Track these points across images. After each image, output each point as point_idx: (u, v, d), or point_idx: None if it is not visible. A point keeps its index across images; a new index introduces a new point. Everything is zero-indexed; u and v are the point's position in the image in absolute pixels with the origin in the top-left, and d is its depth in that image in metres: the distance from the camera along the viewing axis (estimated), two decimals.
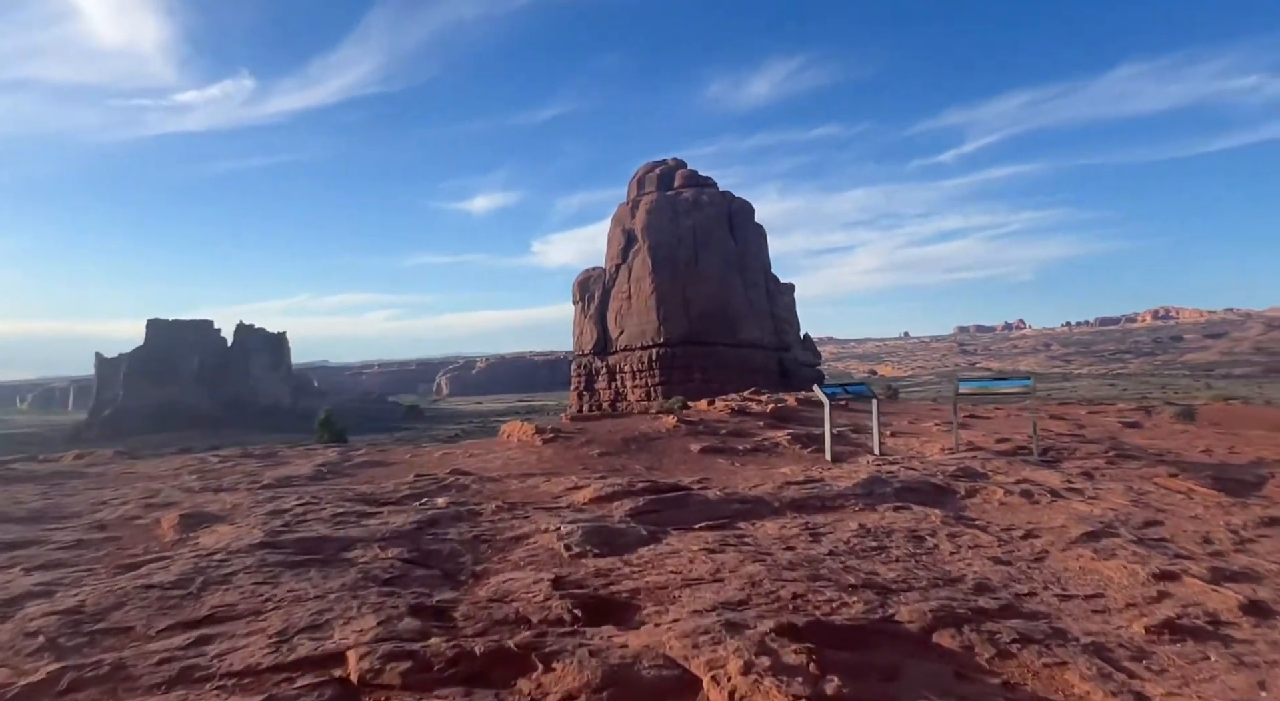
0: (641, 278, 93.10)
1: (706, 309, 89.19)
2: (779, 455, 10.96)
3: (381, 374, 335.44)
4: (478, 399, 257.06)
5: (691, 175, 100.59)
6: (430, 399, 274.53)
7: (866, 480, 7.99)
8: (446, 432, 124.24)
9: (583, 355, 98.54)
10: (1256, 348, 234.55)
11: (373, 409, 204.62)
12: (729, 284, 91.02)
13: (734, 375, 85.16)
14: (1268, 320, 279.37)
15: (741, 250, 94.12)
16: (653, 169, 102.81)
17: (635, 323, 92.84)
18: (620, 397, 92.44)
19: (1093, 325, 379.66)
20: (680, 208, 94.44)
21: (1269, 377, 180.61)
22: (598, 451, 10.62)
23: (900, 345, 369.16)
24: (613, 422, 13.48)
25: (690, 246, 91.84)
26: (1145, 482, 8.31)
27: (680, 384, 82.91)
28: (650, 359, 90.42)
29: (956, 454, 10.36)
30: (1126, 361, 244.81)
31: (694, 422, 13.03)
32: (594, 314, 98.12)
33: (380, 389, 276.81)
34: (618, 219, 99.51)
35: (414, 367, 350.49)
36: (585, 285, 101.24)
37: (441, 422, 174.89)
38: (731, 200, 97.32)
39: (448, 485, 8.22)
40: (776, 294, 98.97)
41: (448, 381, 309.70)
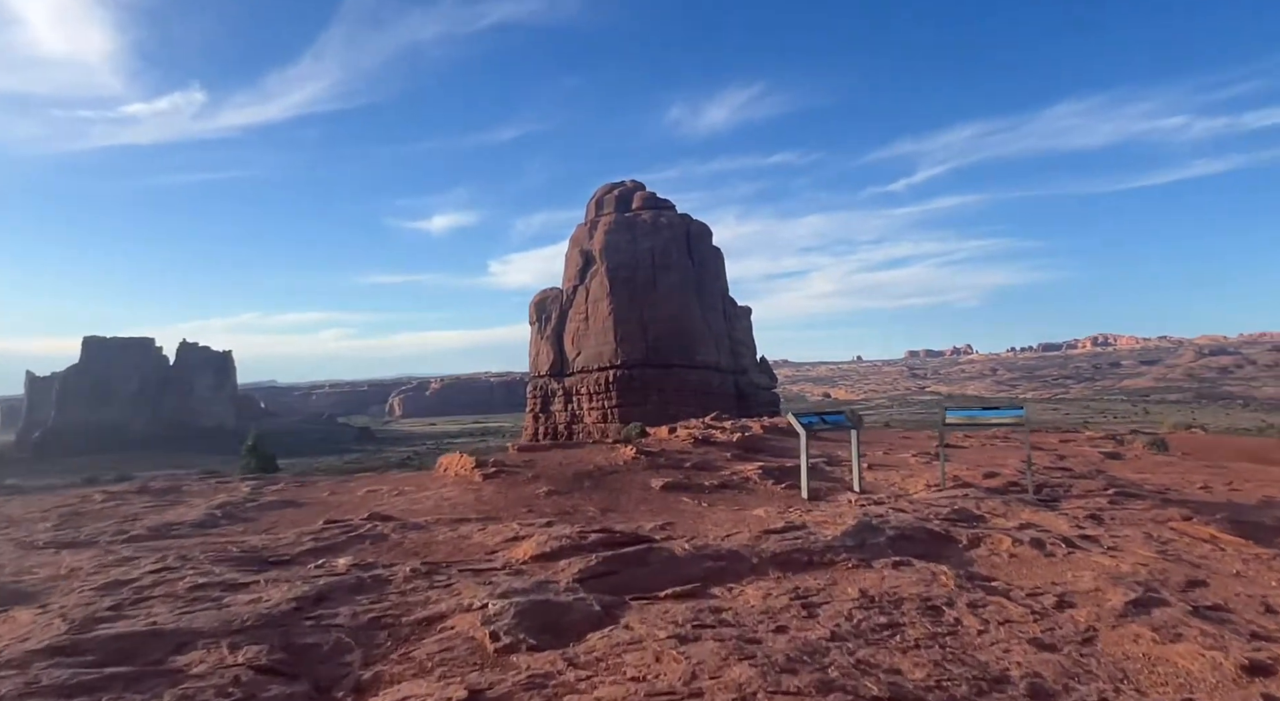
0: (599, 299, 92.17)
1: (664, 331, 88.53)
2: (750, 492, 9.81)
3: (332, 394, 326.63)
4: (432, 420, 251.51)
5: (650, 197, 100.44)
6: (383, 420, 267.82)
7: (855, 526, 6.88)
8: (398, 455, 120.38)
9: (539, 377, 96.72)
10: (1188, 374, 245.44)
11: (322, 430, 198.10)
12: (687, 306, 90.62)
13: (691, 398, 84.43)
14: (1198, 348, 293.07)
15: (699, 273, 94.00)
16: (611, 190, 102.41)
17: (592, 344, 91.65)
18: (577, 420, 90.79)
19: (1036, 351, 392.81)
20: (639, 229, 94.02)
21: (1200, 403, 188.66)
22: (545, 489, 9.31)
23: (853, 369, 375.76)
24: (564, 454, 12.19)
25: (648, 268, 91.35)
26: (1161, 528, 7.41)
27: (637, 406, 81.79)
28: (607, 381, 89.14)
29: (945, 491, 9.38)
30: (1068, 386, 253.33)
31: (654, 453, 11.83)
32: (550, 335, 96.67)
33: (331, 410, 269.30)
34: (575, 240, 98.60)
35: (366, 388, 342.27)
36: (542, 306, 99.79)
37: (394, 444, 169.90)
38: (690, 222, 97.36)
39: (360, 535, 6.82)
40: (734, 317, 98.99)
41: (401, 402, 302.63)
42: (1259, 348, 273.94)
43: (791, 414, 9.74)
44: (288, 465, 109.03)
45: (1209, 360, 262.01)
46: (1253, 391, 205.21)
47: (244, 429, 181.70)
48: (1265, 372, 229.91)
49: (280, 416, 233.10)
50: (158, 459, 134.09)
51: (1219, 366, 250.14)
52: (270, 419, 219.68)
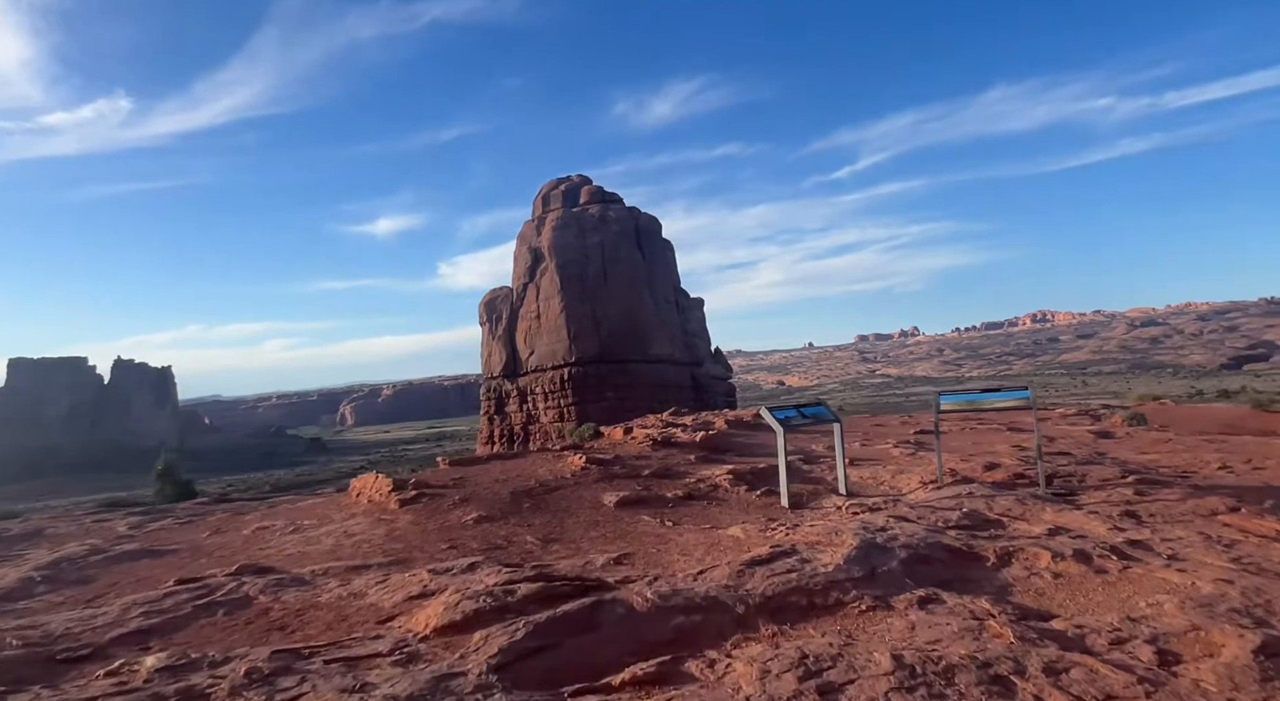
0: (550, 297, 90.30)
1: (617, 326, 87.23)
2: (721, 503, 8.35)
3: (281, 406, 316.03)
4: (385, 427, 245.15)
5: (597, 191, 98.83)
6: (334, 430, 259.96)
7: (858, 548, 5.46)
8: (351, 465, 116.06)
9: (492, 378, 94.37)
10: (1121, 346, 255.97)
11: (270, 444, 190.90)
12: (639, 300, 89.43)
13: (648, 392, 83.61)
14: (1130, 320, 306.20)
15: (650, 266, 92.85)
16: (558, 185, 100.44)
17: (545, 343, 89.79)
18: (533, 420, 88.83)
19: (979, 330, 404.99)
20: (587, 224, 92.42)
21: (1134, 373, 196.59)
22: (475, 515, 7.66)
23: (805, 355, 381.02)
24: (503, 467, 10.53)
25: (599, 263, 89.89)
26: (1213, 525, 6.21)
27: (594, 403, 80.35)
28: (562, 379, 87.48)
29: (945, 489, 8.08)
30: (1011, 363, 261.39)
31: (608, 461, 10.27)
32: (502, 335, 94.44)
33: (280, 422, 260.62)
34: (523, 237, 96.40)
35: (316, 398, 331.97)
36: (492, 306, 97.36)
37: (346, 454, 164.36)
38: (639, 216, 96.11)
39: (214, 602, 5.10)
40: (687, 309, 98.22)
41: (352, 410, 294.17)
42: (1185, 317, 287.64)
43: (765, 408, 8.34)
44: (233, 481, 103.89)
45: (1140, 332, 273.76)
46: (1181, 359, 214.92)
47: (189, 446, 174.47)
48: (1191, 341, 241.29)
49: (225, 431, 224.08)
50: (93, 482, 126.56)
51: (1149, 337, 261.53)
52: (215, 434, 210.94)
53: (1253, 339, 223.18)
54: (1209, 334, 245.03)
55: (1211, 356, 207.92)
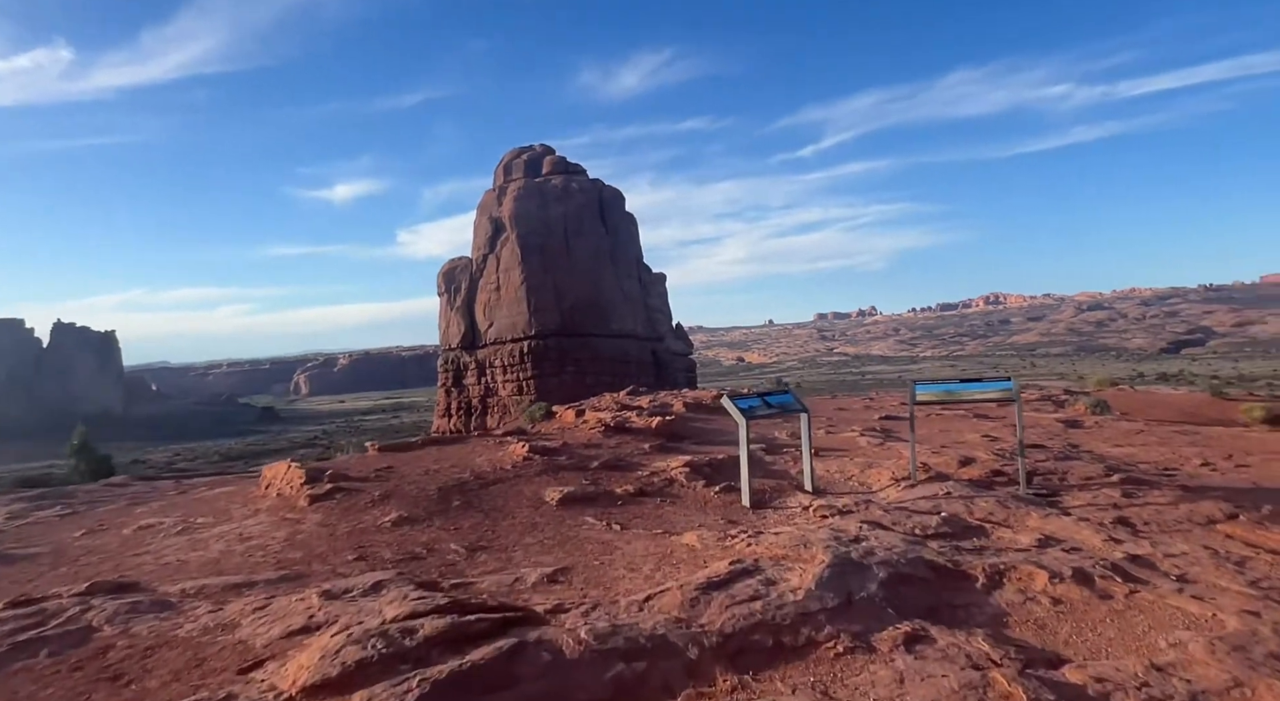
0: (510, 268, 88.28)
1: (579, 300, 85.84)
2: (676, 501, 7.54)
3: (232, 373, 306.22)
4: (340, 397, 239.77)
5: (560, 162, 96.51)
6: (288, 399, 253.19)
7: (831, 566, 4.71)
8: (304, 435, 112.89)
9: (450, 350, 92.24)
10: (1069, 329, 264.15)
11: (220, 412, 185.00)
12: (602, 274, 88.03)
13: (609, 367, 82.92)
14: (1077, 304, 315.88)
15: (613, 239, 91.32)
16: (520, 155, 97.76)
17: (505, 315, 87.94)
18: (491, 393, 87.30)
19: (935, 311, 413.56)
20: (550, 195, 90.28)
21: (1080, 355, 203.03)
22: (395, 515, 6.70)
23: (765, 332, 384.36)
24: (439, 454, 9.54)
25: (561, 235, 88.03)
26: (1215, 536, 5.64)
27: (553, 377, 79.24)
28: (521, 352, 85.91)
29: (919, 487, 7.41)
30: (964, 344, 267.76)
31: (554, 450, 9.37)
32: (461, 306, 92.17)
33: (231, 390, 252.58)
34: (484, 207, 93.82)
35: (269, 366, 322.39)
36: (451, 276, 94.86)
37: (299, 424, 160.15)
38: (603, 188, 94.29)
39: (40, 638, 4.08)
40: (649, 284, 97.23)
41: (307, 380, 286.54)
42: (1129, 302, 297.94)
43: (727, 397, 7.53)
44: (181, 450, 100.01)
45: (1087, 315, 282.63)
46: (1124, 343, 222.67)
47: (134, 414, 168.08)
48: (1135, 325, 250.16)
49: (173, 399, 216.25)
50: (28, 451, 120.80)
51: (1095, 321, 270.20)
52: (162, 402, 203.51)
53: (1191, 324, 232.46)
54: (1151, 319, 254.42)
55: (1152, 340, 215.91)
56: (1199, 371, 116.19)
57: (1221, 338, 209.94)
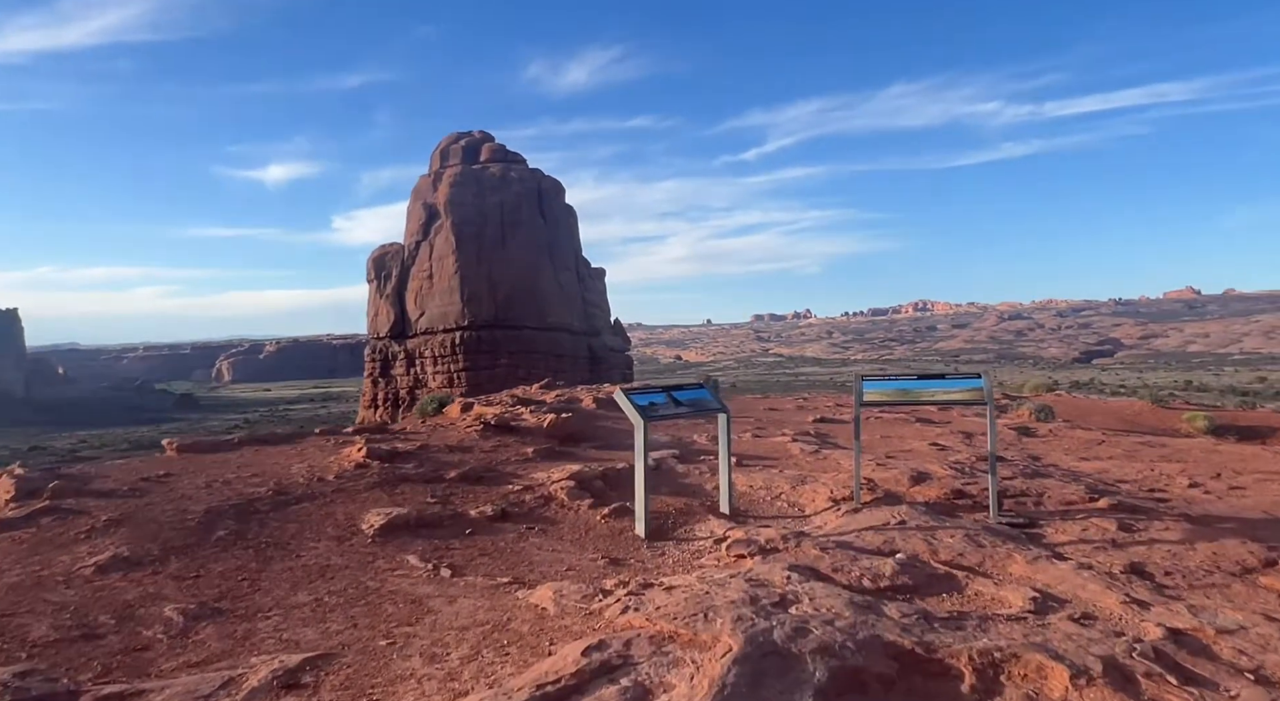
0: (444, 256, 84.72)
1: (514, 291, 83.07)
2: (549, 528, 5.65)
3: (149, 358, 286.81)
4: (266, 385, 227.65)
5: (499, 150, 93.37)
6: (209, 386, 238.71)
7: (743, 658, 2.93)
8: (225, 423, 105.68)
9: (378, 339, 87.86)
10: (991, 337, 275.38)
11: (132, 398, 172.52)
12: (538, 265, 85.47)
13: (542, 361, 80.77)
14: (999, 313, 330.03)
15: (552, 231, 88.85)
16: (457, 140, 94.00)
17: (437, 304, 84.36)
18: (420, 384, 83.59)
19: (866, 315, 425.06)
20: (487, 183, 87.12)
21: (1000, 362, 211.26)
22: (109, 554, 4.44)
23: (703, 331, 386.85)
24: (253, 457, 7.35)
25: (497, 224, 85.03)
26: (1260, 593, 4.14)
27: (485, 369, 76.37)
28: (453, 342, 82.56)
29: (863, 512, 5.75)
30: (893, 348, 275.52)
31: (404, 455, 7.31)
32: (391, 294, 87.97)
33: (146, 375, 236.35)
34: (418, 192, 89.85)
35: (189, 351, 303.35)
36: (381, 262, 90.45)
37: (220, 412, 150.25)
38: (542, 179, 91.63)
39: None
40: (587, 278, 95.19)
41: (230, 366, 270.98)
42: (1047, 313, 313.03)
43: (621, 392, 5.71)
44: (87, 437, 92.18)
45: (1007, 324, 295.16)
46: (1041, 351, 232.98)
47: (37, 397, 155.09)
48: (1051, 335, 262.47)
49: (82, 382, 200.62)
50: None
51: (1015, 330, 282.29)
52: (68, 386, 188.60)
53: (1102, 336, 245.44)
54: (1066, 329, 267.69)
55: (1066, 350, 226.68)
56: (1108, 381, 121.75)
57: (1128, 349, 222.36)
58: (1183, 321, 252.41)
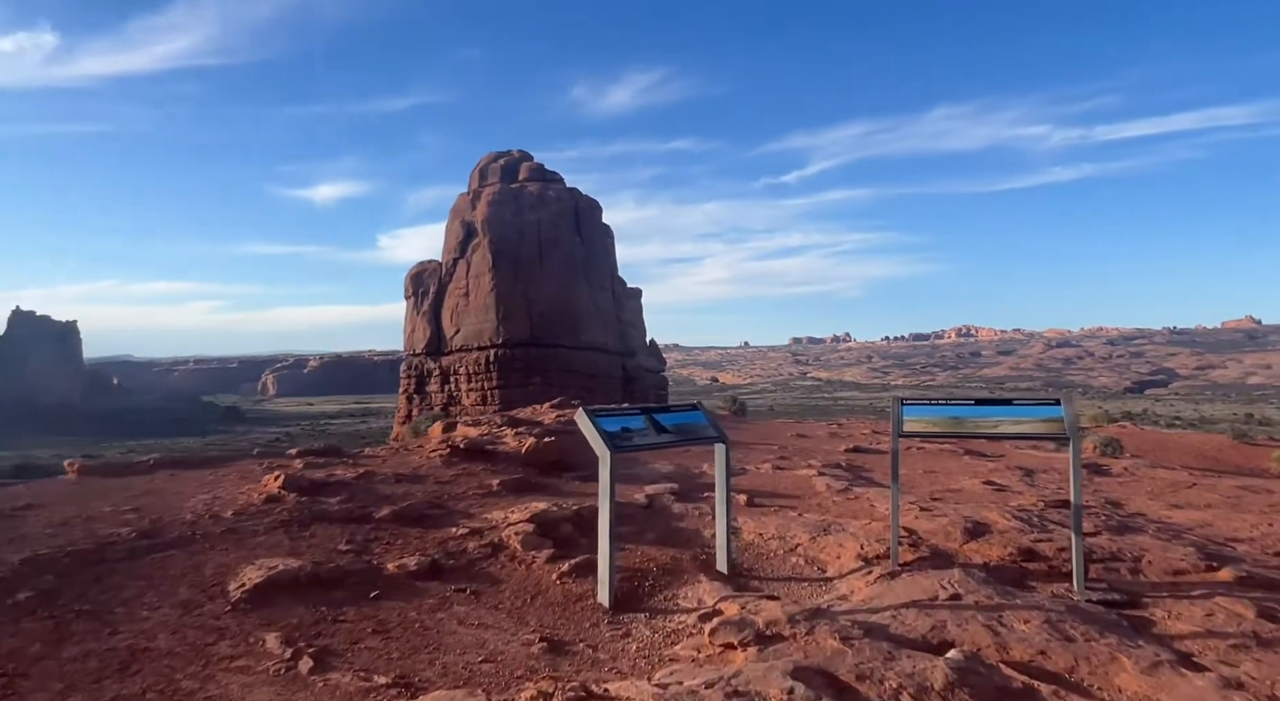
0: (481, 274, 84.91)
1: (549, 309, 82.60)
2: (485, 589, 4.36)
3: (198, 371, 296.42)
4: (309, 400, 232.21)
5: (537, 169, 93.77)
6: (255, 399, 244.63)
7: None
8: (268, 436, 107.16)
9: (414, 355, 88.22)
10: (1037, 364, 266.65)
11: (182, 410, 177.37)
12: (574, 284, 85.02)
13: (576, 380, 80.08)
14: (1046, 340, 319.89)
15: (588, 250, 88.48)
16: (497, 159, 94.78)
17: (472, 321, 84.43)
18: (454, 401, 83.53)
19: (907, 340, 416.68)
20: (525, 202, 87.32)
21: (1047, 390, 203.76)
22: None
23: (740, 354, 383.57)
24: (158, 484, 6.20)
25: (534, 243, 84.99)
26: None
27: (519, 388, 75.75)
28: (487, 360, 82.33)
29: (901, 577, 4.38)
30: (935, 374, 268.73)
31: (336, 485, 6.05)
32: (428, 311, 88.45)
33: (195, 388, 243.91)
34: (457, 210, 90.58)
35: (237, 365, 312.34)
36: (419, 279, 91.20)
37: (264, 425, 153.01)
38: (579, 197, 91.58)
39: None
40: (623, 297, 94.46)
41: (275, 380, 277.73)
42: (1097, 341, 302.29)
43: (585, 413, 4.45)
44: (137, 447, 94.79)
45: (1055, 352, 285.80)
46: (1090, 380, 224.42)
47: (92, 407, 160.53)
48: (1101, 364, 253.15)
49: (135, 393, 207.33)
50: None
51: (1063, 357, 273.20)
52: (123, 397, 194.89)
53: (1155, 365, 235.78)
54: (1117, 358, 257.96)
55: (1118, 379, 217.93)
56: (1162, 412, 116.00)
57: (1184, 380, 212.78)
58: (1243, 352, 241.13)
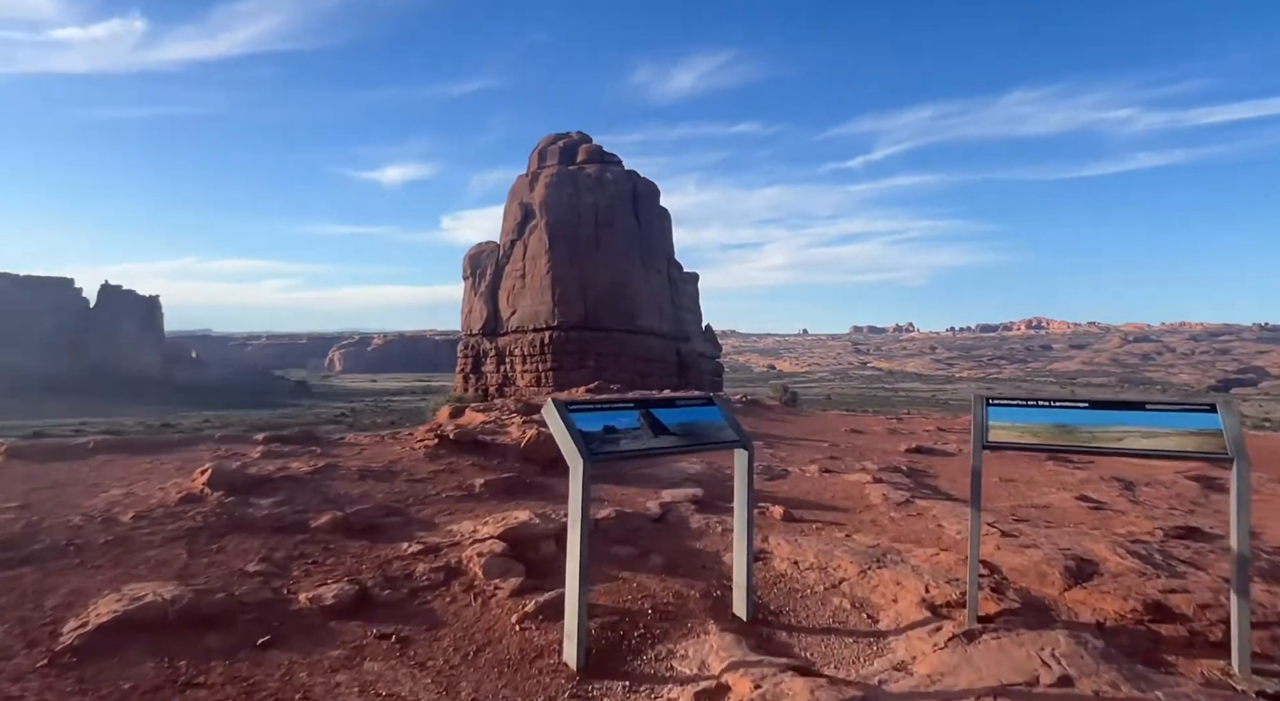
0: (537, 255, 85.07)
1: (604, 292, 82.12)
2: (416, 636, 3.31)
3: (269, 346, 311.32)
4: (373, 376, 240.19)
5: (596, 151, 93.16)
6: (321, 374, 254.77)
7: None
8: (333, 411, 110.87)
9: (471, 335, 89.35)
10: (1113, 359, 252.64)
11: (255, 383, 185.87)
12: (630, 267, 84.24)
13: (630, 364, 79.70)
14: (1124, 334, 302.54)
15: (645, 233, 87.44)
16: (555, 141, 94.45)
17: (528, 303, 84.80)
18: (509, 382, 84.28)
19: (974, 331, 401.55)
20: (582, 184, 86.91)
21: (1123, 387, 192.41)
22: None
23: (799, 341, 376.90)
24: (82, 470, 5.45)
25: (591, 225, 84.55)
26: None
27: (573, 370, 75.73)
28: (542, 342, 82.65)
29: (982, 643, 3.21)
30: (1002, 367, 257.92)
31: (281, 480, 5.13)
32: (485, 292, 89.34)
33: (266, 362, 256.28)
34: (515, 192, 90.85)
35: (305, 341, 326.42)
36: (477, 260, 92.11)
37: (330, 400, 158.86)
38: (637, 180, 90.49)
39: None
40: (679, 282, 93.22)
41: (342, 357, 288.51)
42: (1178, 336, 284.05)
43: (554, 405, 3.29)
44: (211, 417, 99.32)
45: (1133, 346, 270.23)
46: (1170, 378, 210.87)
47: (173, 378, 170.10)
48: (1182, 360, 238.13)
49: (211, 366, 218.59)
50: (74, 405, 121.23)
51: (1141, 353, 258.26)
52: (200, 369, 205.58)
53: (1243, 363, 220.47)
54: (1200, 354, 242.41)
55: (1200, 377, 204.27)
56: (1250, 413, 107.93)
57: (1275, 379, 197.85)
58: None
